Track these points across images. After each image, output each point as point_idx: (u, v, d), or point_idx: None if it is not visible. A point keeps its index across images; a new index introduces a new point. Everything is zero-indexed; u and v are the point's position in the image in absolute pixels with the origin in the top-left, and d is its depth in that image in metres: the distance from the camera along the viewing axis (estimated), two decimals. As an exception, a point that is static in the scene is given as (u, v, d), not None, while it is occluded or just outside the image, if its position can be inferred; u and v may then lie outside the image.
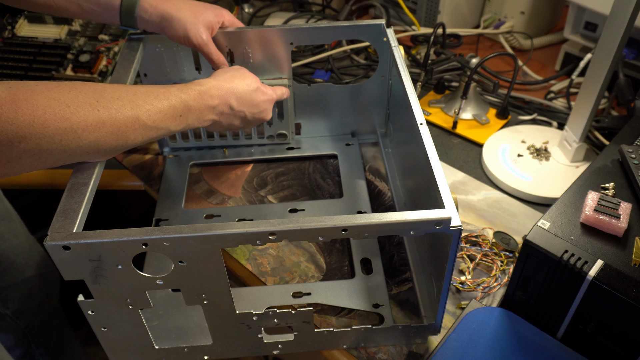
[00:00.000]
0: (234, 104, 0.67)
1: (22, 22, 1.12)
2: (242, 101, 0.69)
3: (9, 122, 0.46)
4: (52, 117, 0.48)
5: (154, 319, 0.68)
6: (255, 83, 0.71)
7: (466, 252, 0.73)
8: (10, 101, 0.46)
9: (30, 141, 0.48)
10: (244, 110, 0.70)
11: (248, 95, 0.70)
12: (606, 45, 0.71)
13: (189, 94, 0.62)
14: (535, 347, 0.60)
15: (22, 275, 0.96)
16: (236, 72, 0.71)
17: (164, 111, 0.58)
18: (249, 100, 0.70)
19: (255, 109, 0.72)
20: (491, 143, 0.90)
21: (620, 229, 0.57)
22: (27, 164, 0.50)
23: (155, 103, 0.57)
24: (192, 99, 0.62)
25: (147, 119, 0.56)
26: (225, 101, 0.66)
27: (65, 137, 0.50)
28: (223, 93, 0.66)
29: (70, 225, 0.50)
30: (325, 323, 0.66)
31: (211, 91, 0.65)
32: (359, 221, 0.50)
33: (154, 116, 0.57)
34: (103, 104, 0.52)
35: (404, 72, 0.70)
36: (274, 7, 1.28)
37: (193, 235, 0.49)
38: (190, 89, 0.63)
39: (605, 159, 0.68)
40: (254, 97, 0.71)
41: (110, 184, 0.88)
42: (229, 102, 0.67)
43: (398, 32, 1.21)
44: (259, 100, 0.72)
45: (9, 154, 0.47)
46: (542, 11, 1.15)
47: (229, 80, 0.68)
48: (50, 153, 0.50)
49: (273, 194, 0.84)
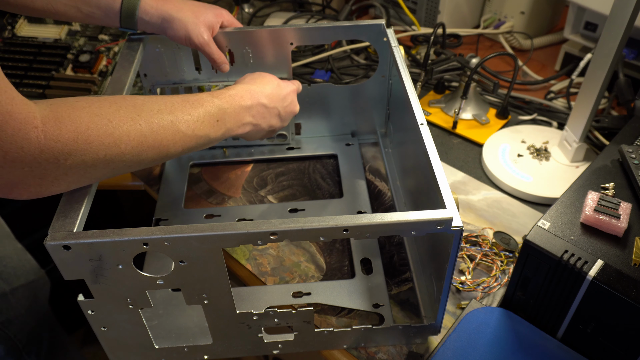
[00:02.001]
0: (266, 102, 0.68)
1: (22, 22, 1.12)
2: (272, 98, 0.69)
3: (54, 140, 0.46)
4: (95, 132, 0.49)
5: (154, 318, 0.68)
6: (276, 79, 0.72)
7: (466, 252, 0.73)
8: (54, 119, 0.47)
9: (76, 157, 0.48)
10: (277, 106, 0.70)
11: (275, 91, 0.70)
12: (606, 45, 0.71)
13: (222, 98, 0.62)
14: (535, 347, 0.60)
15: (9, 286, 0.95)
16: (255, 75, 0.72)
17: (200, 119, 0.58)
18: (277, 96, 0.70)
19: (285, 102, 0.72)
20: (491, 143, 0.90)
21: (620, 229, 0.57)
22: (73, 180, 0.50)
23: (192, 112, 0.58)
24: (225, 102, 0.62)
25: (187, 128, 0.57)
26: (257, 101, 0.67)
27: (109, 152, 0.50)
28: (253, 94, 0.67)
29: (70, 225, 0.50)
30: (325, 323, 0.66)
31: (241, 93, 0.65)
32: (360, 221, 0.50)
33: (192, 125, 0.57)
34: (144, 117, 0.53)
35: (404, 72, 0.70)
36: (274, 7, 1.28)
37: (194, 235, 0.49)
38: (222, 93, 0.63)
39: (605, 159, 0.68)
40: (280, 92, 0.71)
41: (110, 184, 0.88)
42: (261, 101, 0.67)
43: (398, 32, 1.21)
44: (285, 94, 0.72)
45: (55, 171, 0.48)
46: (542, 11, 1.15)
47: (253, 82, 0.69)
48: (95, 168, 0.50)
49: (273, 194, 0.84)
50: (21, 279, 0.98)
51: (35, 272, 1.02)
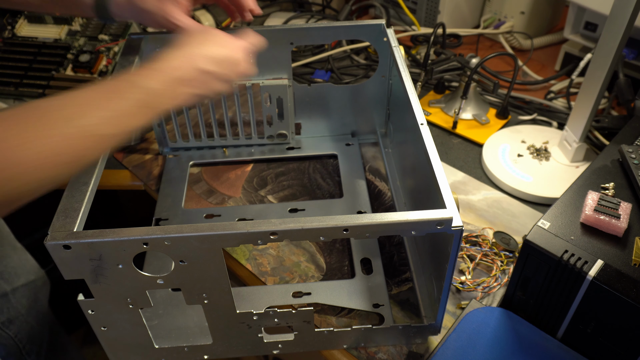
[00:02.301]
0: (210, 68, 0.59)
1: (22, 22, 1.12)
2: (219, 61, 0.60)
3: None
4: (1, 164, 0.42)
5: (154, 318, 0.68)
6: (225, 37, 0.64)
7: (466, 252, 0.73)
8: None
9: None
10: (224, 71, 0.61)
11: (222, 52, 0.61)
12: (606, 45, 0.71)
13: (151, 76, 0.53)
14: (535, 347, 0.60)
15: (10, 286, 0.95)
16: (199, 32, 0.62)
17: (124, 112, 0.50)
18: (226, 59, 0.62)
19: (237, 66, 0.63)
20: (491, 143, 0.90)
21: (620, 229, 0.57)
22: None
23: (112, 106, 0.49)
24: (155, 81, 0.53)
25: (107, 129, 0.49)
26: (198, 68, 0.58)
27: (14, 183, 0.43)
28: (192, 60, 0.58)
29: (70, 225, 0.50)
30: (325, 323, 0.66)
31: (177, 62, 0.56)
32: (360, 221, 0.50)
33: (115, 122, 0.49)
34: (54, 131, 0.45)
35: (404, 72, 0.70)
36: (274, 7, 1.28)
37: (194, 234, 0.49)
38: (152, 68, 0.54)
39: (605, 159, 0.68)
40: (230, 54, 0.62)
41: (110, 184, 0.88)
42: (203, 67, 0.58)
43: (398, 32, 1.21)
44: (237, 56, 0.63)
45: None
46: (542, 11, 1.15)
47: (194, 44, 0.60)
48: None
49: (273, 194, 0.84)
50: (22, 278, 0.98)
51: (36, 272, 1.02)
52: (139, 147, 0.93)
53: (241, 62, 0.64)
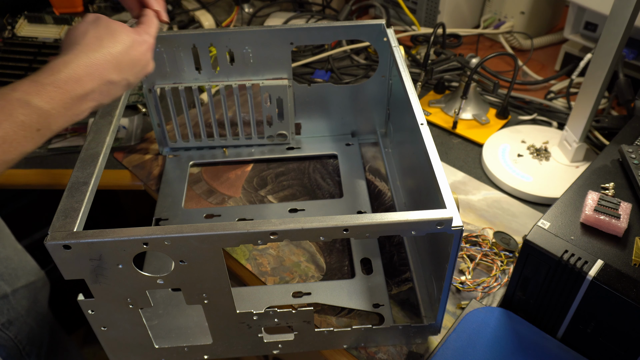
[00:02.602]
0: (114, 77, 0.51)
1: (22, 22, 1.12)
2: (122, 66, 0.52)
3: None
4: None
5: (154, 318, 0.68)
6: (127, 33, 0.54)
7: (466, 252, 0.73)
8: None
9: None
10: (126, 76, 0.53)
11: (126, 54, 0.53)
12: (606, 45, 0.71)
13: (43, 95, 0.44)
14: (535, 347, 0.60)
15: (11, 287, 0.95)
16: (98, 28, 0.52)
17: (8, 139, 0.42)
18: (129, 61, 0.53)
19: (137, 66, 0.55)
20: (491, 143, 0.90)
21: (620, 229, 0.57)
22: None
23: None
24: (48, 100, 0.45)
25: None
26: (102, 79, 0.49)
27: None
28: (96, 70, 0.49)
29: (70, 225, 0.50)
30: (325, 323, 0.66)
31: (78, 73, 0.47)
32: (360, 221, 0.50)
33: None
34: None
35: (404, 72, 0.70)
36: (274, 7, 1.28)
37: (194, 234, 0.49)
38: (45, 84, 0.45)
39: (605, 159, 0.68)
40: (132, 54, 0.54)
41: (110, 184, 0.88)
42: (108, 77, 0.50)
43: (398, 32, 1.21)
44: (139, 56, 0.55)
45: None
46: (542, 11, 1.15)
47: (97, 46, 0.50)
48: None
49: (273, 194, 0.84)
50: (22, 280, 0.98)
51: (35, 273, 1.02)
52: (139, 147, 0.93)
53: (148, 63, 0.58)
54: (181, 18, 1.21)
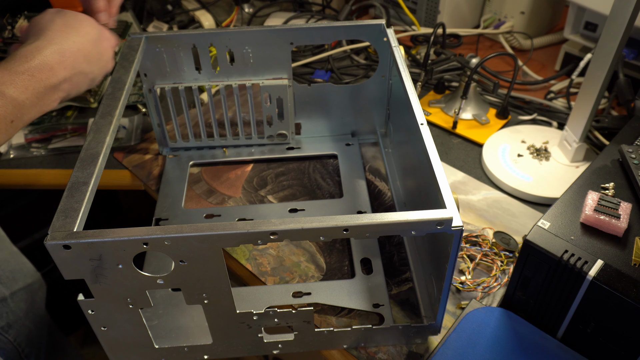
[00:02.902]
0: (84, 68, 0.50)
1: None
2: (91, 58, 0.52)
3: None
4: None
5: (154, 318, 0.68)
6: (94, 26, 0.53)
7: (466, 252, 0.73)
8: None
9: None
10: (94, 70, 0.53)
11: (95, 47, 0.52)
12: (606, 45, 0.71)
13: (17, 84, 0.44)
14: (535, 347, 0.60)
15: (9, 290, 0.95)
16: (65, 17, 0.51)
17: None
18: (96, 54, 0.53)
19: (102, 61, 0.55)
20: (491, 143, 0.90)
21: (620, 229, 0.57)
22: None
23: None
24: (22, 90, 0.44)
25: None
26: (74, 68, 0.49)
27: None
28: (69, 60, 0.48)
29: (70, 225, 0.50)
30: (325, 323, 0.66)
31: (50, 62, 0.47)
32: (360, 221, 0.50)
33: None
34: None
35: (404, 72, 0.70)
36: (274, 7, 1.29)
37: (194, 234, 0.49)
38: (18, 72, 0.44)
39: (605, 159, 0.68)
40: (101, 49, 0.53)
41: (110, 184, 0.88)
42: (79, 67, 0.50)
43: (398, 32, 1.21)
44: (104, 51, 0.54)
45: None
46: (542, 11, 1.15)
47: (67, 33, 0.49)
48: None
49: (273, 194, 0.84)
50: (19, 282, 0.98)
51: (32, 275, 1.02)
52: (139, 147, 0.93)
53: (110, 60, 0.56)
54: (181, 18, 1.21)
